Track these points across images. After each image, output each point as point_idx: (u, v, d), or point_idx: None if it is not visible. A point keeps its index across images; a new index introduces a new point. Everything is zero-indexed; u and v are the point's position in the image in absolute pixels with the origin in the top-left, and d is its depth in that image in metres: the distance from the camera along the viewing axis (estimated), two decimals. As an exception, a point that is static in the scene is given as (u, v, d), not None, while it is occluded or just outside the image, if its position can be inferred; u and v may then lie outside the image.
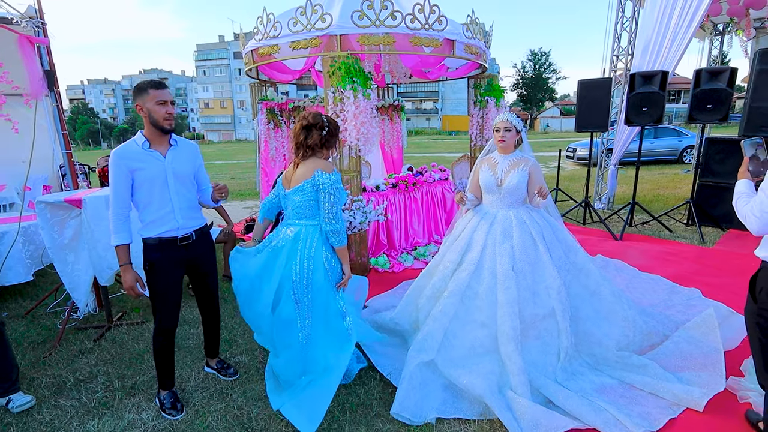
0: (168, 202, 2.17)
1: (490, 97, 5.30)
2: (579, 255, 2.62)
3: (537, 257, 2.48)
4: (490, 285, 2.45)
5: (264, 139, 5.75)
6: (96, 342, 3.09)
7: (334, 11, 3.91)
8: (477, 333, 2.44)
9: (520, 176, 2.56)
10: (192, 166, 2.30)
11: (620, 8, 6.74)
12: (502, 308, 2.37)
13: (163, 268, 2.20)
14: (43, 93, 3.31)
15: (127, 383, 2.58)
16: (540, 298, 2.44)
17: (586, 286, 2.59)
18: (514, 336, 2.32)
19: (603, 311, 2.56)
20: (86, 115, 57.97)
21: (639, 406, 2.16)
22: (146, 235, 2.19)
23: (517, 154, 2.66)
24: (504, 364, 2.33)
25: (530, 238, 2.51)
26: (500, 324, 2.37)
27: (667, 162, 12.69)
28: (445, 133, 47.50)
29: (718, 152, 5.77)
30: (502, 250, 2.48)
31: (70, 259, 3.20)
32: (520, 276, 2.43)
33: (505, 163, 2.63)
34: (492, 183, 2.64)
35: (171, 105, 2.11)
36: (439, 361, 2.43)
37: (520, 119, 2.65)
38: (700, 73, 5.21)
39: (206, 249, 2.40)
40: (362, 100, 3.80)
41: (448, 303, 2.52)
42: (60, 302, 3.71)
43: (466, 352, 2.43)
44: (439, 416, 2.19)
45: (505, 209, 2.64)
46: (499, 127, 2.61)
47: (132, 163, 2.09)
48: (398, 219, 4.98)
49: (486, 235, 2.58)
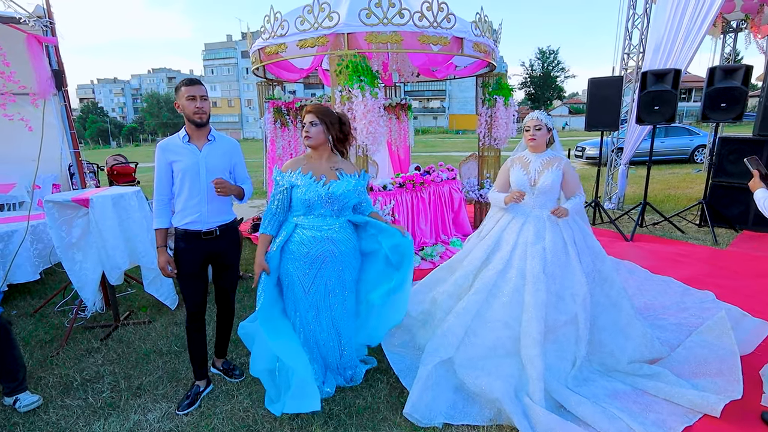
0: (197, 193, 2.27)
1: (499, 96, 5.23)
2: (605, 264, 2.55)
3: (567, 262, 2.42)
4: (517, 285, 2.39)
5: (271, 138, 5.74)
6: (103, 341, 3.10)
7: (342, 9, 3.87)
8: (499, 333, 2.38)
9: (555, 176, 2.50)
10: (228, 161, 2.38)
11: (632, 5, 6.63)
12: (530, 311, 2.31)
13: (187, 258, 2.33)
14: (51, 92, 3.31)
15: (133, 383, 2.58)
16: (565, 304, 2.39)
17: (609, 296, 2.53)
18: (539, 340, 2.26)
19: (621, 323, 2.50)
20: (96, 114, 58.54)
21: (653, 414, 2.11)
22: (175, 224, 2.32)
23: (550, 153, 2.59)
24: (524, 368, 2.28)
25: (562, 242, 2.45)
26: (526, 327, 2.31)
27: (678, 161, 12.51)
28: (452, 132, 47.31)
29: (732, 152, 5.66)
30: (534, 252, 2.42)
31: (78, 258, 3.21)
32: (550, 279, 2.37)
33: (537, 162, 2.56)
34: (525, 182, 2.56)
35: (201, 100, 2.19)
36: (457, 359, 2.37)
37: (551, 117, 2.58)
38: (714, 71, 5.10)
39: (231, 244, 2.47)
40: (370, 98, 3.77)
41: (473, 300, 2.46)
42: (68, 301, 3.72)
43: (486, 352, 2.37)
44: (447, 421, 2.15)
45: (537, 209, 2.57)
46: (529, 126, 2.54)
47: (171, 155, 2.24)
48: (405, 219, 4.93)
49: (517, 234, 2.52)
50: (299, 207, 2.23)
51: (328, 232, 2.25)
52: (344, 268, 2.33)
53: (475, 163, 5.89)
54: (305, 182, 2.19)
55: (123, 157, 9.15)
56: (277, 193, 2.26)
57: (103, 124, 56.38)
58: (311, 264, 2.25)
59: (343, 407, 2.30)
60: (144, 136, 53.31)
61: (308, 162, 2.26)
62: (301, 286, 2.27)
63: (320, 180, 2.21)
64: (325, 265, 2.26)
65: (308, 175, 2.21)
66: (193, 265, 2.33)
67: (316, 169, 2.23)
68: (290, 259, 2.25)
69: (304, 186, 2.19)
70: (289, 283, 2.29)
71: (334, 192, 2.21)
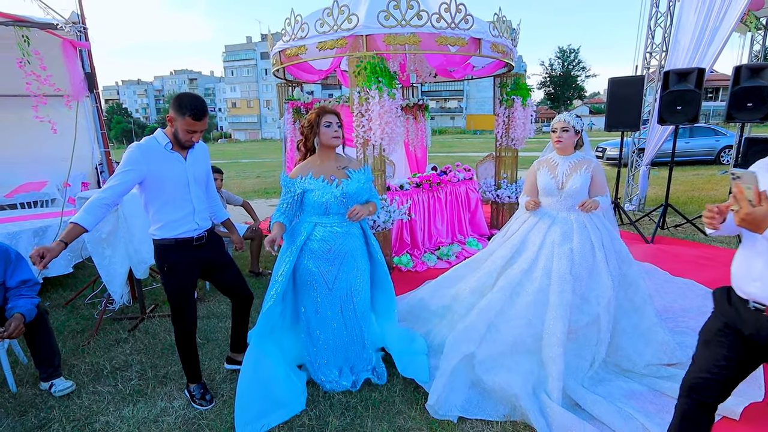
0: (189, 203, 2.20)
1: (517, 96, 5.22)
2: (632, 268, 2.54)
3: (594, 264, 2.42)
4: (542, 285, 2.41)
5: (290, 138, 5.85)
6: (130, 332, 3.23)
7: (360, 11, 3.94)
8: (521, 331, 2.40)
9: (583, 179, 2.49)
10: (205, 166, 2.34)
11: (654, 3, 6.52)
12: (554, 310, 2.33)
13: (182, 269, 2.24)
14: (84, 94, 3.47)
15: (160, 372, 2.69)
16: (589, 305, 2.39)
17: (632, 300, 2.52)
18: (563, 341, 2.28)
19: (642, 328, 2.48)
20: (120, 115, 60.32)
21: (669, 415, 2.07)
22: (162, 236, 2.17)
23: (578, 155, 2.57)
24: (544, 366, 2.30)
25: (590, 244, 2.45)
26: (550, 326, 2.32)
27: (703, 162, 12.18)
28: (469, 132, 47.02)
29: (758, 152, 5.49)
30: (561, 252, 2.43)
31: (107, 253, 3.35)
32: (576, 281, 2.38)
33: (565, 165, 2.55)
34: (552, 186, 2.56)
35: (199, 134, 2.13)
36: (478, 354, 2.40)
37: (581, 119, 2.57)
38: (740, 69, 4.97)
39: (217, 245, 2.44)
40: (387, 99, 3.82)
41: (496, 298, 2.49)
42: (97, 294, 3.89)
43: (507, 348, 2.40)
44: (462, 415, 2.19)
45: (565, 212, 2.57)
46: (555, 128, 2.53)
47: (152, 163, 2.06)
48: (422, 218, 4.97)
49: (544, 235, 2.53)
50: (315, 209, 2.29)
51: (348, 227, 2.33)
52: (361, 261, 2.41)
53: (492, 164, 5.89)
54: (319, 186, 2.25)
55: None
56: (288, 198, 2.28)
57: (127, 125, 58.05)
58: (334, 260, 2.32)
59: (360, 400, 2.37)
60: (166, 136, 54.50)
61: (317, 165, 2.30)
62: (324, 283, 2.34)
63: (333, 182, 2.28)
64: (346, 259, 2.34)
65: (320, 178, 2.26)
66: (188, 275, 2.28)
67: (327, 171, 2.29)
68: (312, 257, 2.31)
69: (319, 190, 2.24)
70: (311, 281, 2.34)
71: (348, 191, 2.28)
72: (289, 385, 2.33)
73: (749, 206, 1.28)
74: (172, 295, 2.26)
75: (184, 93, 2.11)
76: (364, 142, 4.01)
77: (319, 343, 2.44)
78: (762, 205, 1.27)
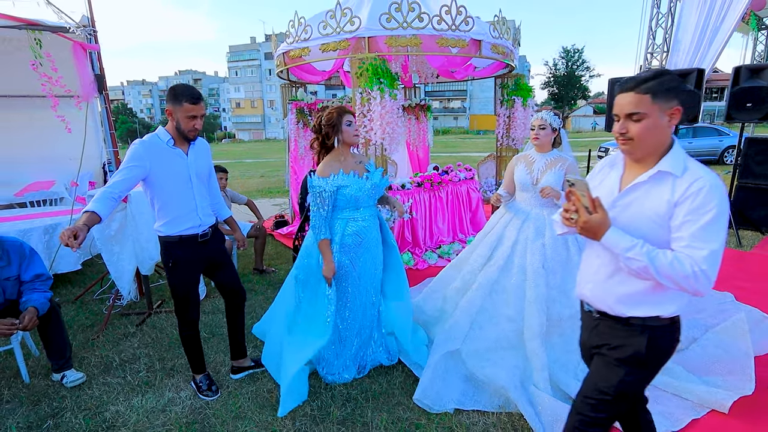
0: (191, 199, 2.24)
1: (517, 97, 5.28)
2: None
3: (568, 258, 2.50)
4: (518, 281, 2.49)
5: (294, 138, 5.94)
6: (138, 327, 3.32)
7: (363, 14, 4.01)
8: (503, 327, 2.48)
9: (556, 176, 2.56)
10: (208, 163, 2.37)
11: (656, 4, 6.57)
12: (531, 305, 2.41)
13: (187, 265, 2.29)
14: (93, 95, 3.57)
15: (167, 365, 2.78)
16: (568, 299, 2.46)
17: None
18: (540, 333, 2.36)
19: None
20: (125, 115, 60.72)
21: (660, 406, 2.16)
22: (167, 233, 2.22)
23: (555, 153, 2.65)
24: (529, 359, 2.37)
25: (562, 238, 2.52)
26: (527, 320, 2.41)
27: (706, 162, 12.12)
28: (473, 132, 46.99)
29: (759, 153, 5.54)
30: (534, 248, 2.51)
31: (116, 250, 3.45)
32: (550, 274, 2.45)
33: (542, 162, 2.64)
34: (527, 181, 2.65)
35: (200, 119, 2.13)
36: (464, 351, 2.48)
37: (558, 118, 2.64)
38: (740, 70, 5.02)
39: (220, 242, 2.49)
40: (388, 100, 3.89)
41: (476, 296, 2.58)
42: (105, 290, 3.99)
43: (492, 344, 2.48)
44: (458, 407, 2.26)
45: (538, 208, 2.65)
46: (534, 125, 2.62)
47: (155, 159, 2.11)
48: (423, 217, 5.04)
49: (518, 231, 2.62)
50: (348, 204, 2.35)
51: (372, 219, 2.45)
52: (378, 249, 2.53)
53: (493, 164, 5.95)
54: (352, 181, 2.32)
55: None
56: (325, 199, 2.28)
57: (132, 125, 58.41)
58: (365, 251, 2.43)
59: (360, 391, 2.44)
60: (171, 136, 54.82)
61: (342, 162, 2.36)
62: (356, 274, 2.43)
63: (362, 176, 2.38)
64: (371, 249, 2.46)
65: (351, 174, 2.33)
66: (192, 270, 2.33)
67: (352, 166, 2.38)
68: (345, 252, 2.39)
69: (354, 184, 2.31)
70: (344, 274, 2.42)
71: (375, 182, 2.40)
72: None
73: (586, 214, 1.30)
74: (177, 290, 2.32)
75: (176, 84, 2.16)
76: (366, 141, 4.08)
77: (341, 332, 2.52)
78: (597, 212, 1.29)
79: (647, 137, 1.30)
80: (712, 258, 1.21)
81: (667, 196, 1.27)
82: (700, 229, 1.22)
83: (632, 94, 1.28)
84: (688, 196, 1.24)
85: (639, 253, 1.25)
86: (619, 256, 1.29)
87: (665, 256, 1.24)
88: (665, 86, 1.26)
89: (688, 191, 1.24)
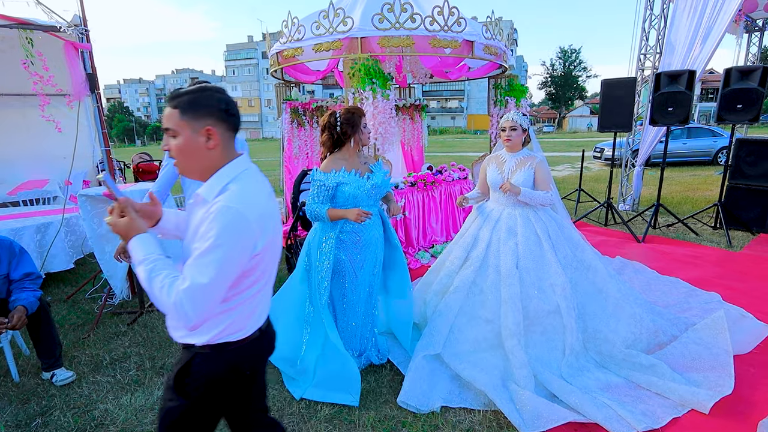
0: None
1: (511, 97, 5.31)
2: (586, 252, 2.65)
3: (541, 255, 2.53)
4: (494, 281, 2.52)
5: (288, 138, 5.95)
6: (129, 326, 3.33)
7: (356, 14, 4.03)
8: (481, 328, 2.52)
9: (526, 175, 2.61)
10: None
11: (648, 5, 6.59)
12: (506, 304, 2.44)
13: None
14: (85, 94, 3.57)
15: (157, 364, 2.79)
16: (545, 295, 2.49)
17: (594, 282, 2.62)
18: (516, 331, 2.39)
19: (609, 308, 2.59)
20: (122, 114, 60.48)
21: (643, 405, 2.19)
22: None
23: (525, 152, 2.69)
24: (508, 358, 2.40)
25: (535, 236, 2.56)
26: (503, 319, 2.44)
27: (700, 163, 12.25)
28: (470, 132, 47.05)
29: (750, 153, 5.59)
30: (506, 248, 2.54)
31: (108, 249, 3.45)
32: (524, 273, 2.49)
33: (512, 162, 2.68)
34: (498, 181, 2.69)
35: None
36: (445, 355, 2.51)
37: (527, 117, 2.68)
38: (730, 72, 5.06)
39: None
40: (381, 100, 3.92)
41: (453, 299, 2.61)
42: (97, 289, 3.99)
43: (471, 347, 2.51)
44: (445, 405, 2.28)
45: (510, 207, 2.69)
46: (504, 127, 2.66)
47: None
48: (416, 217, 5.06)
49: (491, 232, 2.66)
50: (347, 202, 2.38)
51: (374, 218, 2.46)
52: (380, 248, 2.55)
53: (486, 163, 5.97)
54: (352, 179, 2.35)
55: (148, 155, 9.53)
56: (322, 191, 2.32)
57: (128, 123, 58.20)
58: (362, 249, 2.44)
59: (348, 390, 2.46)
60: (167, 135, 54.69)
61: (347, 160, 2.39)
62: (353, 271, 2.45)
63: (364, 175, 2.40)
64: (371, 248, 2.47)
65: (352, 172, 2.36)
66: None
67: (356, 165, 2.40)
68: (343, 248, 2.42)
69: (353, 182, 2.34)
70: (341, 270, 2.45)
71: (377, 183, 2.41)
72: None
73: (116, 216, 1.23)
74: None
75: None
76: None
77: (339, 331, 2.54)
78: (126, 216, 1.21)
79: (183, 156, 1.19)
80: (193, 292, 1.08)
81: (197, 221, 1.19)
82: (197, 257, 1.11)
83: (168, 107, 1.19)
84: (204, 220, 1.14)
85: (142, 269, 1.14)
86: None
87: (166, 279, 1.12)
88: (195, 103, 1.16)
89: (207, 214, 1.14)
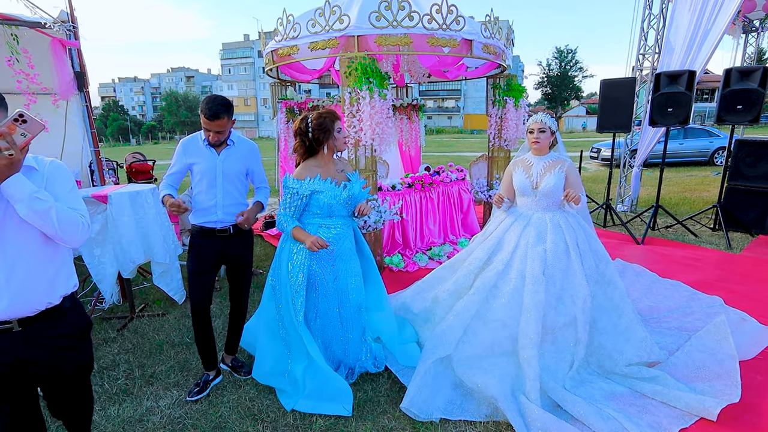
0: (213, 197, 2.35)
1: (509, 97, 5.24)
2: (609, 267, 2.56)
3: (569, 264, 2.45)
4: (517, 286, 2.43)
5: (283, 137, 5.86)
6: (119, 332, 3.23)
7: (352, 12, 3.94)
8: (498, 333, 2.42)
9: (557, 178, 2.51)
10: (244, 165, 2.43)
11: (647, 5, 6.55)
12: (528, 312, 2.35)
13: (201, 253, 2.41)
14: (73, 93, 3.47)
15: (147, 372, 2.70)
16: (564, 306, 2.41)
17: (612, 299, 2.53)
18: (536, 341, 2.30)
19: (621, 327, 2.50)
20: (117, 112, 59.99)
21: (649, 415, 2.12)
22: (193, 222, 2.43)
23: (552, 155, 2.60)
24: (521, 367, 2.32)
25: (564, 244, 2.47)
26: (523, 327, 2.35)
27: (697, 164, 12.25)
28: (467, 132, 47.06)
29: (749, 155, 5.55)
30: (534, 253, 2.45)
31: (97, 253, 3.35)
32: (549, 281, 2.40)
33: (540, 165, 2.58)
34: (527, 186, 2.59)
35: (215, 133, 2.26)
36: (455, 356, 2.42)
37: (554, 119, 2.59)
38: (730, 72, 5.02)
39: (244, 244, 2.53)
40: (378, 100, 3.83)
41: (472, 300, 2.51)
42: (87, 293, 3.89)
43: (484, 351, 2.42)
44: (444, 417, 2.21)
45: (540, 212, 2.59)
46: (533, 129, 2.56)
47: (190, 156, 2.35)
48: (414, 219, 4.99)
49: (519, 236, 2.56)
50: (320, 211, 2.29)
51: (346, 229, 2.38)
52: (354, 260, 2.47)
53: (485, 164, 5.90)
54: (327, 188, 2.25)
55: (141, 155, 9.39)
56: (295, 200, 2.24)
57: (123, 122, 57.74)
58: (335, 260, 2.36)
59: (345, 400, 2.38)
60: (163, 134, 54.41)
61: (322, 167, 2.29)
62: (325, 284, 2.37)
63: (341, 184, 2.30)
64: (343, 259, 2.38)
65: (327, 180, 2.26)
66: (203, 262, 2.41)
67: (331, 173, 2.31)
68: (316, 259, 2.33)
69: (328, 191, 2.25)
70: (313, 282, 2.36)
71: (353, 193, 2.32)
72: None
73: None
74: (188, 273, 2.44)
75: (210, 95, 2.32)
76: (356, 142, 4.02)
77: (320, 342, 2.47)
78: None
79: None
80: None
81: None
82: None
83: None
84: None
85: (40, 202, 1.37)
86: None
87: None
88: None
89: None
